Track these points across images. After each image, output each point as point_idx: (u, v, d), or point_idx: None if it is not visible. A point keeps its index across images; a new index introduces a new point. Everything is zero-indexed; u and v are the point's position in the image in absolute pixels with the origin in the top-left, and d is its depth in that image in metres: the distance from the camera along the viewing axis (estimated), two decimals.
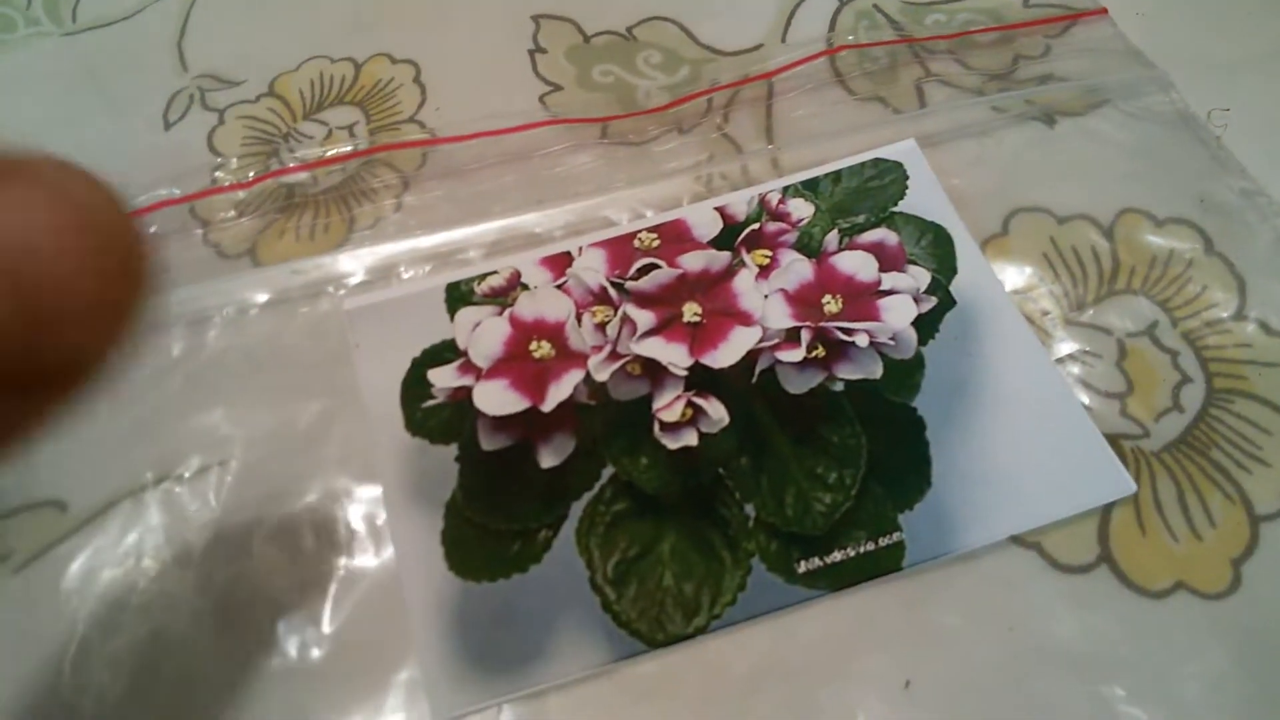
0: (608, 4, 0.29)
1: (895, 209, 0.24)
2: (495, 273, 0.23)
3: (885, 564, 0.19)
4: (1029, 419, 0.21)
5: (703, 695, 0.19)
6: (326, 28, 0.29)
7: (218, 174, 0.25)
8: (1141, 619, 0.19)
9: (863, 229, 0.23)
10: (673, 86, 0.27)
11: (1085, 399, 0.21)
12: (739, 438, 0.21)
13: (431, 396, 0.22)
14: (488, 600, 0.19)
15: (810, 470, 0.20)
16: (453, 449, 0.21)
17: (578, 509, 0.20)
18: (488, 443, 0.21)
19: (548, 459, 0.21)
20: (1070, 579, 0.19)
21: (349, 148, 0.25)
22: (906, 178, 0.24)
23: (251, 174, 0.25)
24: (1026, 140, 0.25)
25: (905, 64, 0.27)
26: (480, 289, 0.23)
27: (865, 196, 0.24)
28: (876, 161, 0.24)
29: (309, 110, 0.28)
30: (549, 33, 0.29)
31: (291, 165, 0.25)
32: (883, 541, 0.20)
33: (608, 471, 0.21)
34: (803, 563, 0.19)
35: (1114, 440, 0.21)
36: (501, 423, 0.21)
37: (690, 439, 0.21)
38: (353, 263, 0.24)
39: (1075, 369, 0.22)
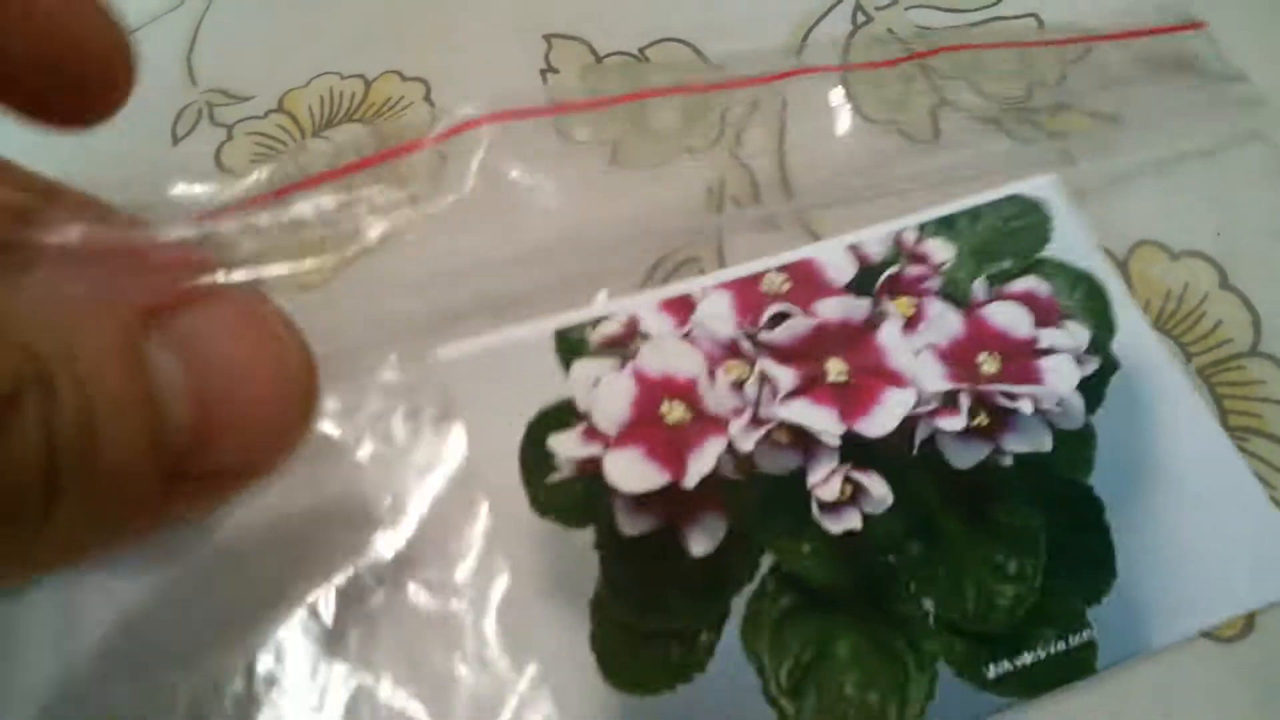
0: (620, 25, 0.27)
1: (1042, 255, 0.22)
2: (608, 318, 0.20)
3: (1078, 666, 0.18)
4: (1208, 499, 0.19)
5: None
6: (336, 44, 0.27)
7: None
8: (1154, 664, 0.18)
9: (1010, 276, 0.21)
10: (684, 108, 0.24)
11: None
12: (906, 520, 0.19)
13: (556, 469, 0.19)
14: (653, 716, 0.17)
15: (987, 559, 0.19)
16: (589, 533, 0.18)
17: (739, 604, 0.18)
18: (629, 526, 0.18)
19: (699, 545, 0.18)
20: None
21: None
22: (1050, 219, 0.22)
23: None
24: (1043, 170, 0.23)
25: (919, 91, 0.25)
26: (595, 337, 0.20)
27: (1008, 239, 0.22)
28: (1014, 199, 0.22)
29: (318, 127, 0.26)
30: (561, 52, 0.27)
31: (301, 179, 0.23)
32: (1073, 640, 0.18)
33: (766, 560, 0.18)
34: (992, 666, 0.18)
35: None
36: (642, 502, 0.18)
37: (854, 521, 0.19)
38: None
39: None
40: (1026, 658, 0.18)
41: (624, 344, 0.20)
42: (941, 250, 0.22)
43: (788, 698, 0.17)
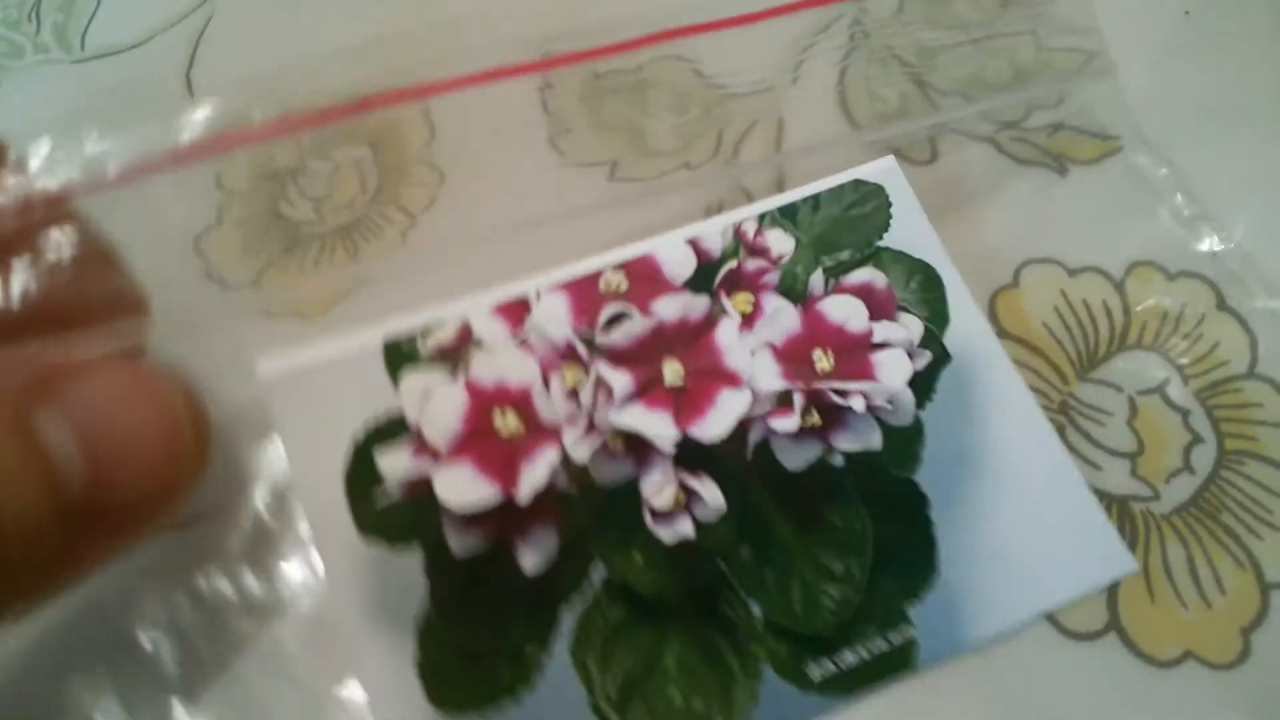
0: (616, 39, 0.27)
1: (881, 243, 0.22)
2: (439, 326, 0.20)
3: (898, 664, 0.18)
4: (1031, 493, 0.20)
5: None
6: (335, 61, 0.26)
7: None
8: (1149, 690, 0.19)
9: (848, 268, 0.21)
10: (682, 125, 0.24)
11: (1096, 459, 0.21)
12: (738, 525, 0.19)
13: (383, 489, 0.19)
14: None
15: (816, 561, 0.19)
16: (418, 555, 0.18)
17: (569, 618, 0.18)
18: (460, 547, 0.18)
19: (530, 561, 0.18)
20: (1078, 647, 0.19)
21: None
22: (889, 204, 0.22)
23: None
24: (1038, 189, 0.23)
25: (917, 110, 0.24)
26: (426, 347, 0.20)
27: (848, 227, 0.22)
28: (857, 184, 0.22)
29: (315, 135, 0.25)
30: (559, 69, 0.26)
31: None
32: (894, 639, 0.19)
33: (598, 572, 0.18)
34: (815, 667, 0.18)
35: (1123, 503, 0.20)
36: (473, 520, 0.18)
37: (687, 529, 0.19)
38: None
39: (1087, 427, 0.21)
40: (849, 658, 0.18)
41: (455, 353, 0.20)
42: (780, 242, 0.21)
43: (615, 709, 0.18)
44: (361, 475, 0.19)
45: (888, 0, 0.27)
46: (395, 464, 0.19)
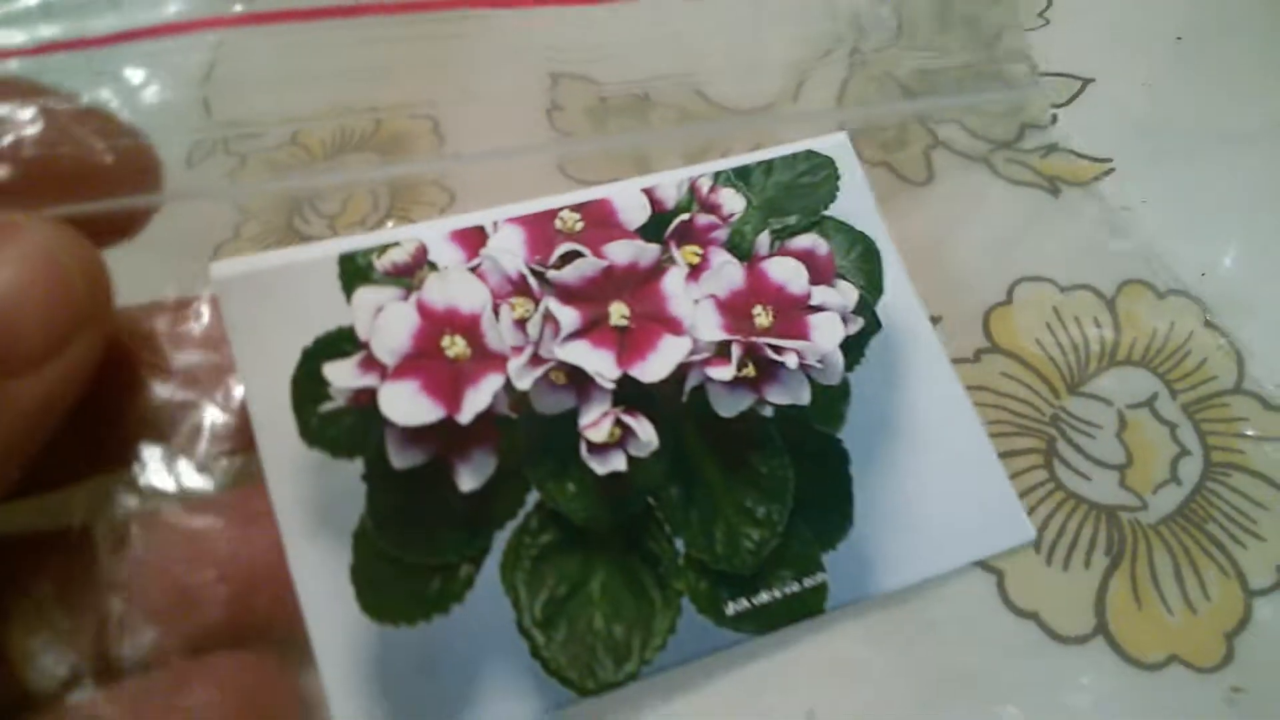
0: (623, 65, 0.28)
1: (826, 212, 0.23)
2: (398, 245, 0.20)
3: (809, 606, 0.20)
4: (945, 460, 0.21)
5: None
6: (348, 81, 0.27)
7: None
8: (1135, 692, 0.19)
9: (794, 232, 0.22)
10: (685, 142, 0.24)
11: (1086, 470, 0.22)
12: (669, 464, 0.20)
13: (329, 398, 0.19)
14: (407, 646, 0.18)
15: (739, 504, 0.20)
16: (358, 465, 0.18)
17: (501, 539, 0.19)
18: (399, 459, 0.19)
19: (467, 481, 0.19)
20: (1066, 651, 0.20)
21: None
22: (838, 177, 0.23)
23: None
24: (1031, 209, 0.25)
25: (914, 132, 0.25)
26: (381, 264, 0.20)
27: (797, 194, 0.23)
28: (809, 154, 0.23)
29: (329, 153, 0.26)
30: (567, 90, 0.28)
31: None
32: (806, 583, 0.20)
33: (532, 497, 0.19)
34: (731, 604, 0.19)
35: (1112, 512, 0.21)
36: (414, 435, 0.19)
37: (619, 463, 0.19)
38: None
39: (1078, 439, 0.22)
40: (764, 596, 0.19)
41: (410, 273, 0.20)
42: (732, 201, 0.22)
43: (540, 629, 0.18)
44: (308, 383, 0.19)
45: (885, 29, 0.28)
46: (342, 374, 0.19)
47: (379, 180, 0.23)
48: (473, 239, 0.21)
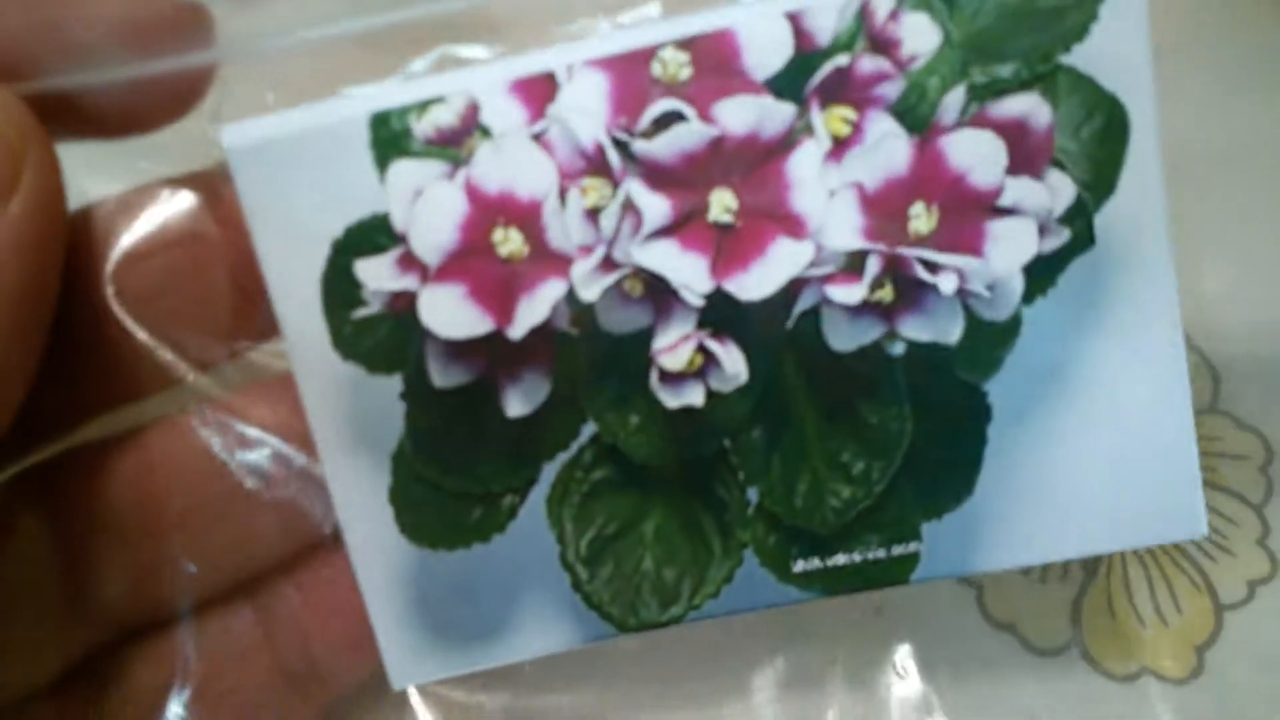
0: None
1: (1065, 59, 0.15)
2: (442, 101, 0.15)
3: (891, 575, 0.17)
4: (1123, 430, 0.16)
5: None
6: None
7: None
8: (1107, 703, 0.20)
9: (1005, 89, 0.15)
10: None
11: None
12: (755, 403, 0.16)
13: (364, 302, 0.16)
14: (446, 570, 0.17)
15: (833, 456, 0.17)
16: (396, 381, 0.16)
17: (550, 471, 0.17)
18: (441, 377, 0.16)
19: (515, 406, 0.16)
20: (1042, 661, 0.20)
21: None
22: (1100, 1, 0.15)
23: None
24: None
25: None
26: (421, 128, 0.15)
27: (1028, 25, 0.15)
28: None
29: None
30: None
31: None
32: (896, 550, 0.17)
33: (588, 429, 0.17)
34: (800, 562, 0.17)
35: None
36: (458, 350, 0.16)
37: (696, 397, 0.16)
38: None
39: None
40: (839, 559, 0.17)
41: (458, 141, 0.16)
42: (921, 35, 0.15)
43: (583, 564, 0.17)
44: (340, 284, 0.16)
45: None
46: (377, 274, 0.16)
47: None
48: (539, 91, 0.15)
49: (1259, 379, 0.22)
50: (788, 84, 0.15)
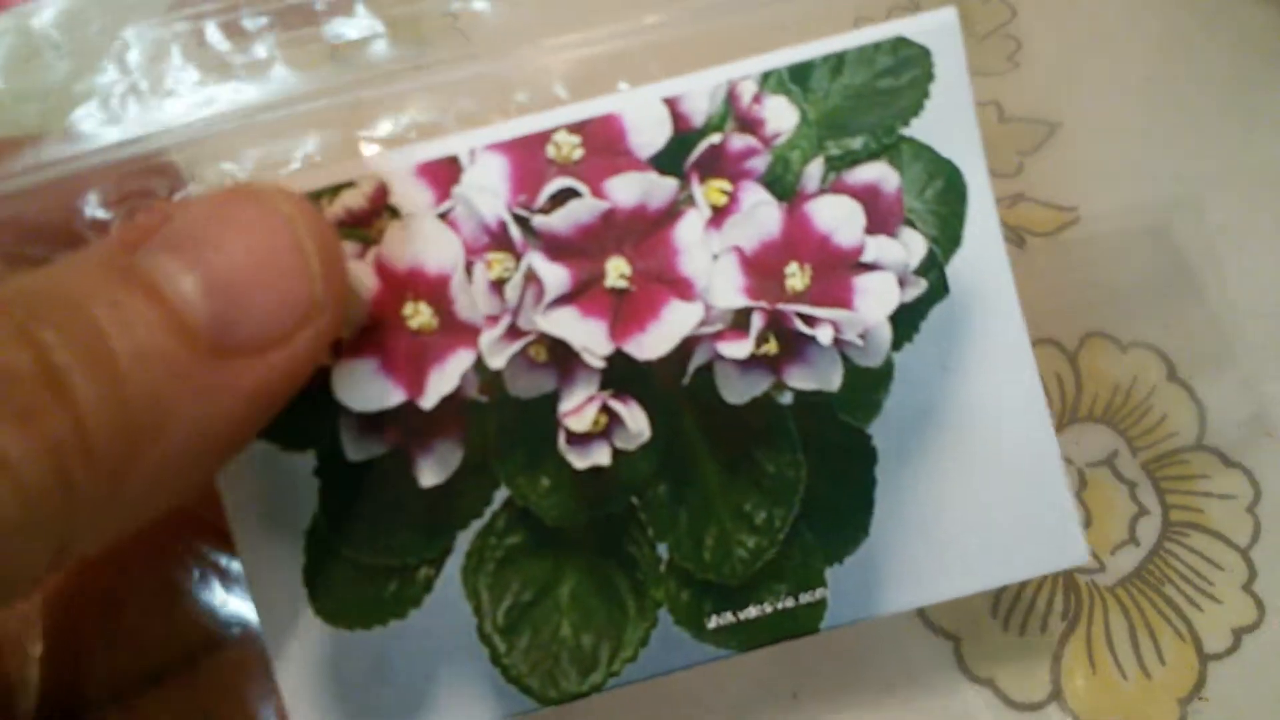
0: None
1: (906, 130, 0.17)
2: (353, 185, 0.17)
3: (802, 624, 0.18)
4: (997, 463, 0.18)
5: None
6: None
7: None
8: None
9: (857, 159, 0.17)
10: None
11: None
12: (660, 458, 0.17)
13: None
14: (364, 650, 0.17)
15: (737, 507, 0.17)
16: (310, 458, 0.17)
17: (464, 540, 0.17)
18: (354, 450, 0.17)
19: (429, 475, 0.17)
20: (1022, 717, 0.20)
21: None
22: (932, 77, 0.17)
23: None
24: None
25: None
26: (333, 211, 0.17)
27: (870, 103, 0.17)
28: (898, 44, 0.17)
29: None
30: None
31: None
32: (804, 598, 0.18)
33: (500, 494, 0.17)
34: (714, 617, 0.18)
35: (1069, 575, 0.21)
36: (371, 422, 0.17)
37: (603, 456, 0.17)
38: None
39: None
40: (751, 611, 0.18)
41: (367, 222, 0.17)
42: (781, 115, 0.17)
43: (501, 636, 0.17)
44: None
45: None
46: None
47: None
48: (444, 173, 0.17)
49: (1245, 411, 0.22)
50: (669, 161, 0.17)
